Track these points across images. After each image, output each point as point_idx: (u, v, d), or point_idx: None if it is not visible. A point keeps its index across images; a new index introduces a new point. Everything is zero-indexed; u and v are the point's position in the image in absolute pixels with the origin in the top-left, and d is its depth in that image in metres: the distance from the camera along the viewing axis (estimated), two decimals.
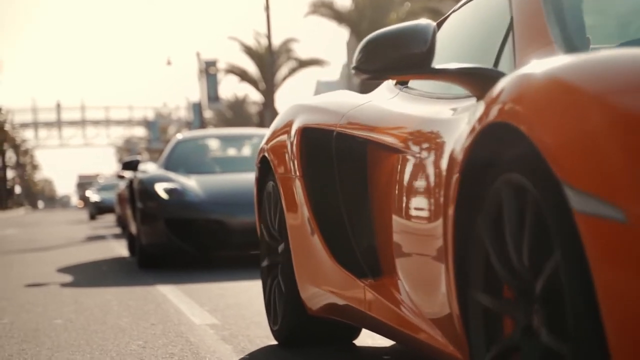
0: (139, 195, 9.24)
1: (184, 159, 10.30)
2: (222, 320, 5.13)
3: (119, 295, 6.71)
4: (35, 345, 4.51)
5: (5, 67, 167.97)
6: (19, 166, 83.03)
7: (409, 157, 2.91)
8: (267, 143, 4.14)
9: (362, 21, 37.92)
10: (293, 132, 3.81)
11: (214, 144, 11.15)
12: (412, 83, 3.50)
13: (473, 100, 2.66)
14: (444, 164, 2.52)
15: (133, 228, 10.26)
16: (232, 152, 11.21)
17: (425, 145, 2.82)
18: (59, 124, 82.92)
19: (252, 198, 8.68)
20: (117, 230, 20.02)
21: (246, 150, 11.01)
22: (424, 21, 2.70)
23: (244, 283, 7.16)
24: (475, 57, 3.01)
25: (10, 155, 77.36)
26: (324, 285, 3.57)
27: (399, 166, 2.98)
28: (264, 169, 4.21)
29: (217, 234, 8.75)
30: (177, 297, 6.37)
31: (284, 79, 45.83)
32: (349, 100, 3.68)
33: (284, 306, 3.94)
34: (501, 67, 2.82)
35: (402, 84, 3.56)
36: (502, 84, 2.13)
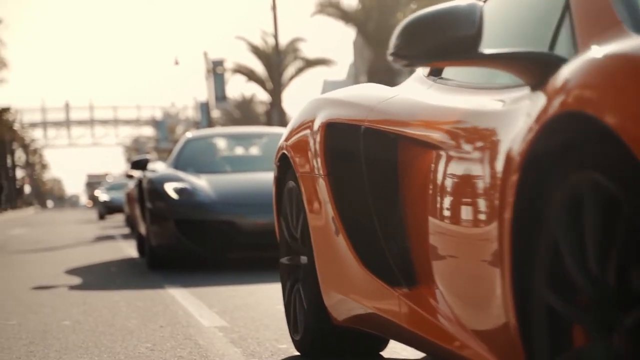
0: (148, 195, 9.04)
1: (193, 158, 10.06)
2: (231, 322, 5.11)
3: (128, 296, 6.69)
4: (43, 347, 4.49)
5: (14, 67, 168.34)
6: (28, 166, 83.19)
7: (450, 154, 2.64)
8: (287, 140, 3.86)
9: (369, 21, 37.85)
10: (316, 127, 3.53)
11: (224, 143, 10.93)
12: (448, 73, 3.21)
13: (525, 90, 2.37)
14: (496, 161, 2.27)
15: (142, 228, 10.10)
16: (242, 151, 10.96)
17: (470, 141, 2.56)
18: (67, 123, 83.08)
19: (264, 198, 8.45)
20: (126, 230, 20.01)
21: (257, 150, 10.78)
22: (469, 0, 2.43)
23: (252, 284, 7.14)
24: (524, 42, 2.74)
25: (20, 155, 77.56)
26: (351, 293, 3.27)
27: (438, 164, 2.70)
28: (284, 167, 3.93)
29: (228, 235, 8.52)
30: (185, 299, 6.35)
31: (291, 78, 45.82)
32: (377, 93, 3.40)
33: (306, 314, 3.65)
34: (558, 52, 2.52)
35: (436, 74, 3.27)
36: (567, 70, 1.94)
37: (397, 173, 3.03)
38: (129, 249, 12.76)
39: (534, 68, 2.32)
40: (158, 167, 9.87)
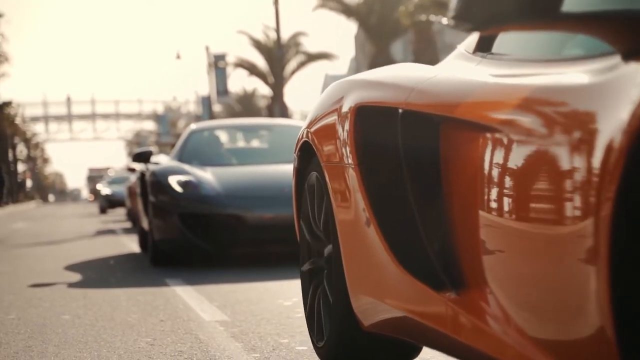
0: (151, 188, 8.73)
1: (198, 151, 9.74)
2: (232, 316, 5.06)
3: (128, 290, 6.65)
4: (41, 341, 4.44)
5: (16, 61, 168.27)
6: (29, 160, 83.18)
7: (516, 139, 2.19)
8: (309, 127, 3.46)
9: (371, 15, 37.80)
10: (345, 112, 3.11)
11: (229, 134, 10.64)
12: (500, 47, 2.79)
13: (616, 59, 1.94)
14: (585, 147, 1.88)
15: (145, 223, 9.81)
16: (249, 143, 10.67)
17: (545, 124, 2.10)
18: (69, 117, 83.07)
19: (271, 191, 8.42)
20: (127, 225, 19.97)
21: (264, 142, 10.47)
22: None
23: (253, 279, 7.09)
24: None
25: (21, 149, 77.53)
26: (385, 296, 2.89)
27: (496, 151, 2.27)
28: (305, 157, 3.55)
29: (234, 230, 8.20)
30: (186, 293, 6.30)
31: (293, 72, 45.80)
32: (416, 73, 2.95)
33: (331, 319, 3.26)
34: None
35: (484, 50, 2.85)
36: None
37: (441, 162, 2.62)
38: (130, 244, 12.72)
39: (633, 29, 1.92)
40: (161, 160, 9.63)
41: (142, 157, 9.71)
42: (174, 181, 8.49)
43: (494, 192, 2.27)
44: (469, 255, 2.45)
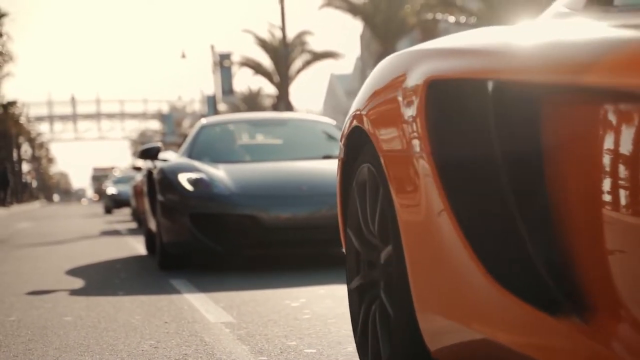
0: (159, 186, 8.09)
1: (209, 146, 9.09)
2: (238, 317, 4.92)
3: (131, 290, 6.51)
4: (42, 344, 4.30)
5: (20, 60, 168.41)
6: (34, 159, 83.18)
7: None
8: (361, 109, 2.81)
9: (377, 13, 37.66)
10: (412, 88, 2.45)
11: (242, 129, 9.90)
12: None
13: None
14: None
15: (152, 224, 9.16)
16: (263, 138, 9.95)
17: None
18: (74, 117, 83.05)
19: (288, 190, 7.87)
20: (133, 225, 19.80)
21: (279, 137, 9.70)
22: None
23: (258, 279, 6.95)
24: None
25: (26, 149, 77.53)
26: (468, 318, 2.21)
27: (629, 129, 1.69)
28: (354, 146, 2.92)
29: (249, 232, 7.55)
30: (190, 293, 6.17)
31: (298, 71, 45.65)
32: (507, 36, 2.25)
33: (390, 340, 2.62)
34: None
35: (602, 2, 2.27)
36: None
37: (548, 146, 2.00)
38: (135, 244, 12.59)
39: None
40: (170, 157, 9.07)
41: (150, 153, 9.11)
42: (184, 179, 7.88)
43: (627, 184, 1.71)
44: (593, 266, 1.85)
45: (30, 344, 4.33)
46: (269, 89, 60.01)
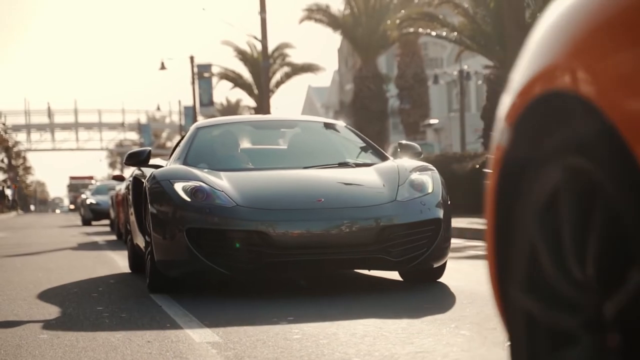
0: (151, 196, 6.89)
1: (206, 152, 7.94)
2: (224, 337, 4.68)
3: (111, 305, 6.26)
4: None
5: None
6: (11, 169, 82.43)
7: None
8: (566, 60, 1.52)
9: (357, 27, 37.54)
10: None
11: (245, 132, 8.68)
12: None
13: None
14: None
15: (139, 239, 8.03)
16: (269, 143, 8.83)
17: None
18: (51, 127, 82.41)
19: (303, 203, 6.71)
20: (112, 237, 19.35)
21: (287, 141, 8.51)
22: None
23: (240, 294, 6.70)
24: None
25: (2, 158, 76.80)
26: None
27: None
28: (542, 128, 1.66)
29: (256, 251, 6.41)
30: (172, 309, 5.91)
31: (278, 84, 45.47)
32: None
33: None
34: None
35: None
36: None
37: None
38: (114, 257, 12.29)
39: None
40: (162, 163, 8.08)
41: (138, 158, 7.88)
42: (180, 188, 6.73)
43: None
44: None
45: None
46: (249, 101, 59.77)
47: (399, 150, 8.02)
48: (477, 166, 18.83)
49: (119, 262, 10.83)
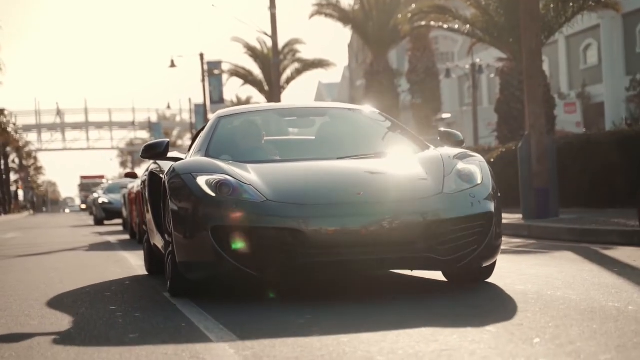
0: (172, 191, 6.28)
1: (230, 142, 7.26)
2: (242, 336, 4.52)
3: (125, 305, 6.11)
4: None
5: (8, 69, 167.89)
6: (22, 169, 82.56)
7: None
8: None
9: (368, 21, 37.36)
10: None
11: (271, 121, 8.00)
12: None
13: None
14: None
15: (157, 239, 7.52)
16: (297, 132, 8.15)
17: None
18: (62, 126, 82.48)
19: (340, 197, 6.04)
20: (125, 236, 19.12)
21: (317, 130, 7.71)
22: None
23: (259, 290, 6.54)
24: None
25: (14, 158, 76.90)
26: None
27: None
28: None
29: (289, 250, 5.76)
30: (187, 308, 5.76)
31: (289, 80, 45.32)
32: None
33: None
34: None
35: None
36: None
37: None
38: (127, 256, 12.16)
39: None
40: (182, 156, 7.39)
41: (156, 150, 7.19)
42: (203, 182, 6.09)
43: None
44: None
45: None
46: (259, 98, 59.63)
47: (438, 138, 7.41)
48: (492, 160, 18.64)
49: (132, 261, 10.70)
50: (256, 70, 46.66)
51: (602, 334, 4.16)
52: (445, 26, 25.54)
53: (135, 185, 17.17)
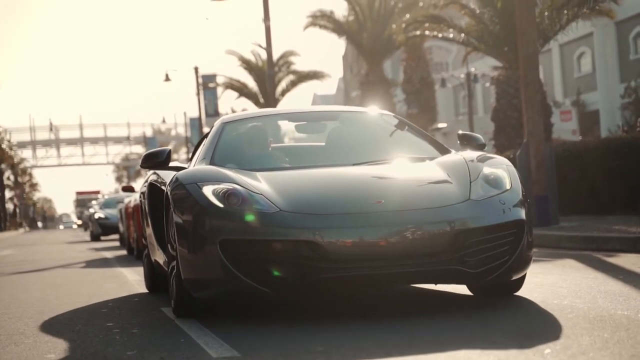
0: (176, 203, 5.79)
1: (236, 149, 6.79)
2: (243, 351, 4.39)
3: (122, 321, 5.98)
4: None
5: (2, 85, 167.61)
6: (17, 186, 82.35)
7: None
8: None
9: (362, 32, 37.34)
10: None
11: (279, 127, 7.62)
12: None
13: None
14: None
15: (158, 255, 7.11)
16: (306, 138, 7.74)
17: None
18: (57, 142, 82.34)
19: (358, 206, 5.56)
20: (122, 252, 18.91)
21: (330, 135, 7.21)
22: None
23: (259, 304, 6.40)
24: None
25: (9, 175, 76.70)
26: None
27: None
28: None
29: (308, 264, 5.24)
30: (186, 323, 5.62)
31: (284, 92, 45.24)
32: None
33: None
34: None
35: None
36: None
37: None
38: (124, 272, 12.02)
39: None
40: (184, 165, 7.02)
41: (156, 159, 6.75)
42: (210, 192, 5.61)
43: None
44: None
45: None
46: (254, 110, 59.63)
47: (458, 142, 6.96)
48: None
49: (129, 277, 10.56)
50: (251, 83, 46.57)
51: (615, 343, 4.04)
52: (440, 35, 25.50)
53: (132, 199, 16.96)
